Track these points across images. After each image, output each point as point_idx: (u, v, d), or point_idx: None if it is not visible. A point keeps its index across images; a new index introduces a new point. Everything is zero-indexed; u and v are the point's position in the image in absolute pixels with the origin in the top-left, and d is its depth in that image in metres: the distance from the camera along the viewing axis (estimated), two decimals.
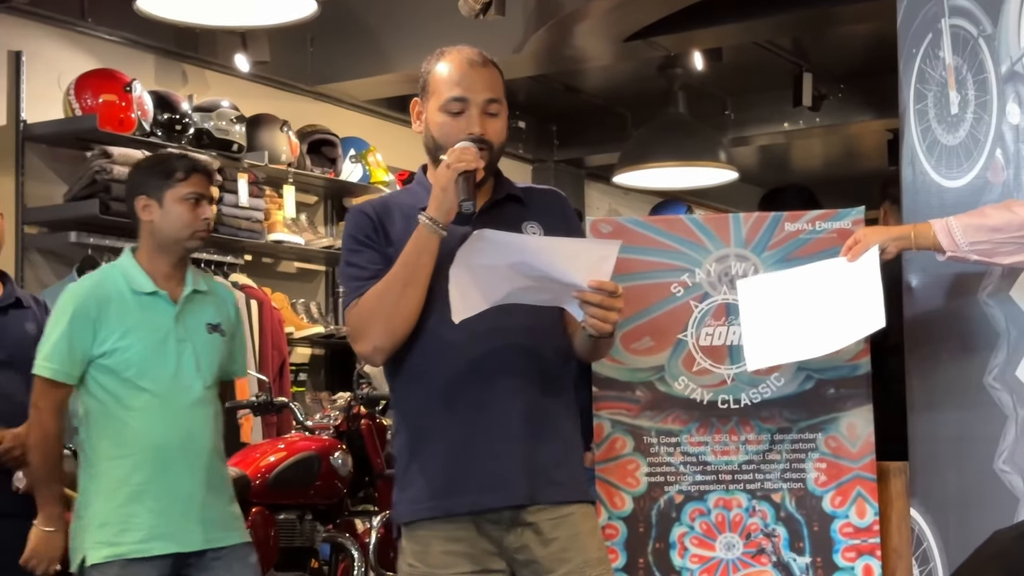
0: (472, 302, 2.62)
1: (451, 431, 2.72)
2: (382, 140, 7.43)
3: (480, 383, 2.70)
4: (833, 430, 3.42)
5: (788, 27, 6.88)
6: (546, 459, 2.73)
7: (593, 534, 2.79)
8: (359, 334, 2.72)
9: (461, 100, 2.76)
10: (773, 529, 3.41)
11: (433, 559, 2.71)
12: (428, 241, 2.65)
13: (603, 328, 2.62)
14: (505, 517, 2.72)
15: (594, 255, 2.61)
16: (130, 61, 6.12)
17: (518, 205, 2.85)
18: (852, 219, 3.46)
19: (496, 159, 2.80)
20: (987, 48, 3.14)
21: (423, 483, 2.73)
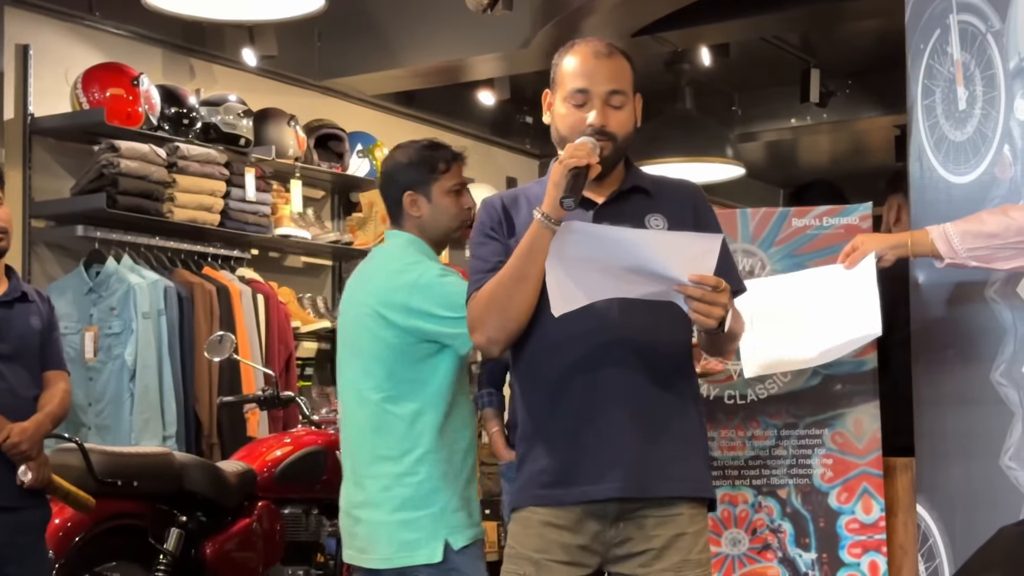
0: (571, 296, 2.61)
1: (564, 423, 2.72)
2: (389, 135, 7.42)
3: (594, 378, 2.70)
4: (839, 426, 3.42)
5: (796, 23, 6.87)
6: (657, 454, 2.70)
7: (698, 536, 2.74)
8: (475, 326, 2.75)
9: (583, 92, 2.75)
10: (779, 525, 3.41)
11: (530, 541, 2.72)
12: (540, 237, 2.64)
13: (707, 323, 2.58)
14: (611, 511, 2.70)
15: (695, 249, 2.56)
16: (137, 55, 6.12)
17: (644, 197, 2.82)
18: (859, 215, 3.46)
19: (621, 151, 2.78)
20: (995, 44, 3.13)
21: (535, 473, 2.74)
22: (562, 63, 2.81)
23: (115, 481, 4.10)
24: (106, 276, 5.58)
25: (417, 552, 3.32)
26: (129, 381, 5.46)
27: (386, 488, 3.36)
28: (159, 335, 5.55)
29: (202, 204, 5.94)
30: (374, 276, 3.53)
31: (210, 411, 5.74)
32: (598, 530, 2.71)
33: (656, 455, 2.70)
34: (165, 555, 4.23)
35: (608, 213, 2.75)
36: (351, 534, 3.47)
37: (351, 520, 3.46)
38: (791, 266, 3.47)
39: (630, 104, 2.79)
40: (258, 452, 4.76)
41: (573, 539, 2.70)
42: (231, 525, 4.47)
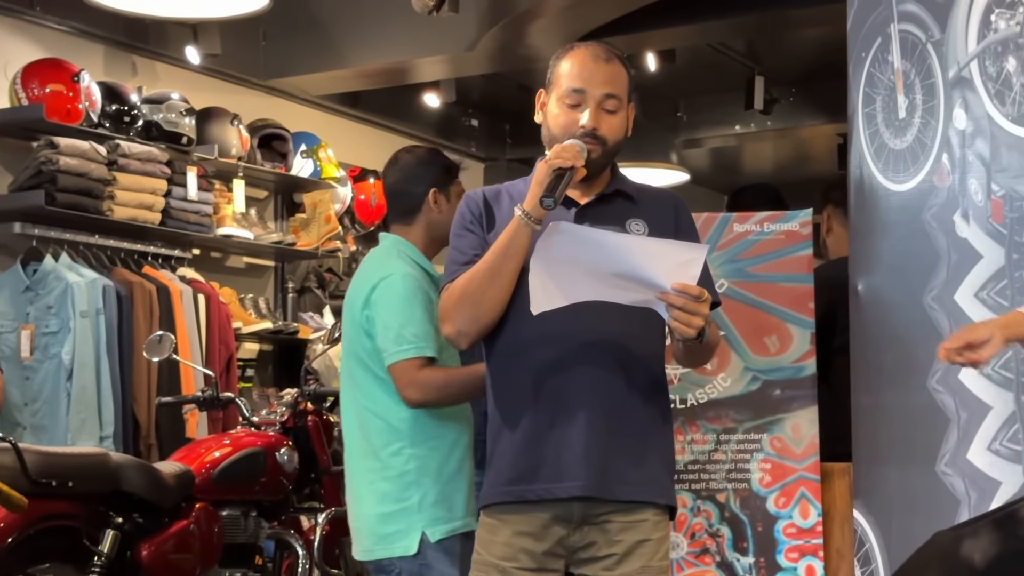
0: (552, 296, 2.61)
1: (531, 421, 2.72)
2: (334, 135, 7.40)
3: (563, 379, 2.70)
4: (778, 431, 3.44)
5: (741, 30, 6.91)
6: (622, 457, 2.71)
7: (660, 543, 2.75)
8: (446, 316, 2.76)
9: (579, 92, 2.77)
10: (717, 529, 3.42)
11: (496, 549, 2.74)
12: (519, 233, 2.65)
13: (686, 332, 2.58)
14: (576, 514, 2.71)
15: (680, 257, 2.56)
16: (79, 51, 6.05)
17: (627, 201, 2.83)
18: (800, 221, 3.48)
19: (609, 155, 2.79)
20: (935, 53, 3.16)
21: (501, 468, 2.76)
22: (560, 64, 2.83)
23: (50, 481, 4.04)
24: (43, 274, 5.51)
25: (395, 544, 3.37)
26: (66, 381, 5.40)
27: (369, 483, 3.43)
28: (97, 334, 5.49)
29: (143, 203, 5.88)
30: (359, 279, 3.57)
31: (148, 412, 5.69)
32: (563, 535, 2.72)
33: (620, 459, 2.71)
34: (100, 556, 4.18)
35: (590, 214, 2.77)
36: (352, 529, 3.55)
37: (350, 516, 3.55)
38: (733, 271, 3.49)
39: (624, 111, 2.81)
40: (196, 453, 4.71)
41: (539, 545, 2.71)
42: (168, 527, 4.43)
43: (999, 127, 3.01)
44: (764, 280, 3.49)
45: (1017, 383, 2.99)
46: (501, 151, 9.15)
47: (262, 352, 7.07)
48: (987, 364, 2.64)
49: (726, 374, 3.44)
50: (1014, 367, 2.99)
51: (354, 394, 3.51)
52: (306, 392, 5.06)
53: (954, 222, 3.09)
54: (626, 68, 2.84)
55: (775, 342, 3.48)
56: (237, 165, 6.53)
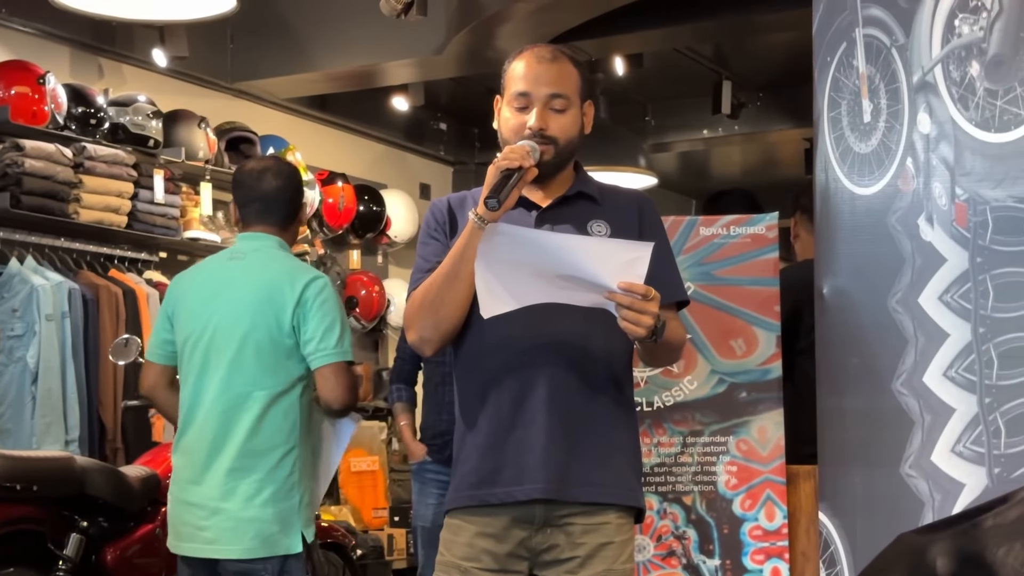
0: (500, 299, 2.59)
1: (493, 424, 2.72)
2: (302, 139, 7.38)
3: (524, 381, 2.69)
4: (744, 433, 3.45)
5: (709, 34, 6.94)
6: (583, 459, 2.70)
7: (624, 546, 2.74)
8: (409, 324, 2.74)
9: (524, 95, 2.74)
10: (684, 531, 3.43)
11: (459, 549, 2.73)
12: (474, 236, 2.62)
13: (635, 331, 2.55)
14: (538, 516, 2.70)
15: (624, 256, 2.54)
16: (45, 53, 6.02)
17: (589, 203, 2.81)
18: (766, 224, 3.50)
19: (563, 155, 2.77)
20: (900, 58, 3.18)
21: (465, 472, 2.75)
22: (509, 68, 2.80)
23: (14, 485, 4.02)
24: (8, 277, 5.48)
25: (279, 544, 3.56)
26: (31, 384, 5.36)
27: (257, 482, 3.55)
28: (63, 337, 5.47)
29: (109, 205, 5.86)
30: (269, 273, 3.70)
31: (114, 415, 5.66)
32: (524, 536, 2.71)
33: (581, 460, 2.70)
34: (65, 561, 4.16)
35: (550, 217, 2.76)
36: (199, 527, 3.61)
37: (205, 512, 3.59)
38: (699, 274, 3.50)
39: (574, 109, 2.78)
40: (163, 457, 4.69)
41: (501, 547, 2.71)
42: (134, 530, 4.41)
43: (963, 131, 3.03)
44: (730, 283, 3.50)
45: (980, 385, 3.01)
46: (470, 155, 9.16)
47: None
48: None
49: (692, 377, 3.45)
50: (977, 370, 3.01)
51: (247, 386, 3.60)
52: None
53: (918, 226, 3.12)
54: (576, 67, 2.81)
55: (741, 345, 3.49)
56: (204, 168, 6.51)
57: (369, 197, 7.94)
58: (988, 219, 2.99)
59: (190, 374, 3.68)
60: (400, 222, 8.22)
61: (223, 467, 3.57)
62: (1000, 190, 2.97)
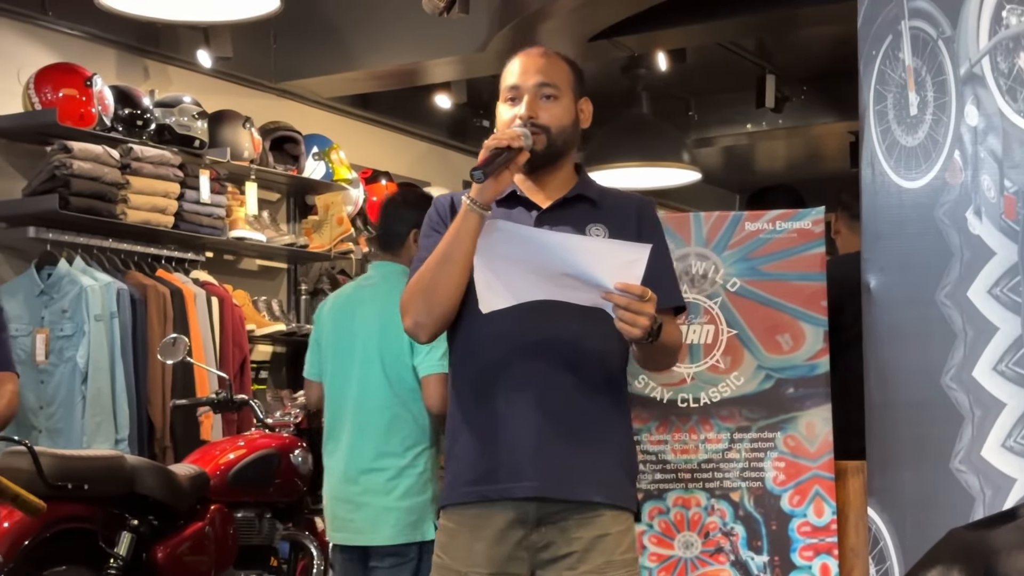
0: (499, 294, 2.61)
1: (487, 420, 2.73)
2: (345, 137, 7.41)
3: (519, 378, 2.71)
4: (792, 429, 3.43)
5: (752, 29, 6.90)
6: (577, 458, 2.71)
7: (622, 536, 2.74)
8: (404, 310, 2.76)
9: (514, 88, 2.80)
10: (731, 528, 3.42)
11: (456, 553, 2.74)
12: (468, 219, 2.65)
13: (631, 332, 2.56)
14: (532, 515, 2.71)
15: (623, 257, 2.55)
16: (91, 55, 6.08)
17: (589, 206, 2.84)
18: (812, 219, 3.48)
19: (556, 145, 2.79)
20: (946, 50, 3.15)
21: (460, 469, 2.77)
22: (503, 73, 2.85)
23: (65, 484, 4.06)
24: (58, 278, 5.53)
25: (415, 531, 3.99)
26: (81, 384, 5.41)
27: (394, 479, 4.00)
28: (111, 337, 5.51)
29: (156, 206, 5.90)
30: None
31: (163, 414, 5.70)
32: (521, 536, 2.71)
33: (576, 459, 2.71)
34: (115, 559, 4.20)
35: (550, 218, 2.77)
36: (348, 520, 4.07)
37: (351, 507, 4.05)
38: (745, 270, 3.49)
39: (565, 99, 2.81)
40: (211, 455, 4.73)
41: (498, 550, 2.71)
42: (183, 529, 4.45)
43: (1011, 123, 3.00)
44: (776, 278, 3.49)
45: None
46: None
47: (276, 354, 7.08)
48: None
49: (739, 372, 3.44)
50: None
51: (385, 397, 4.04)
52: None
53: (966, 219, 3.09)
54: (568, 63, 2.86)
55: (788, 340, 3.47)
56: (249, 168, 6.54)
57: None
58: None
59: (333, 387, 4.17)
60: None
61: (363, 467, 4.02)
62: None
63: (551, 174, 2.83)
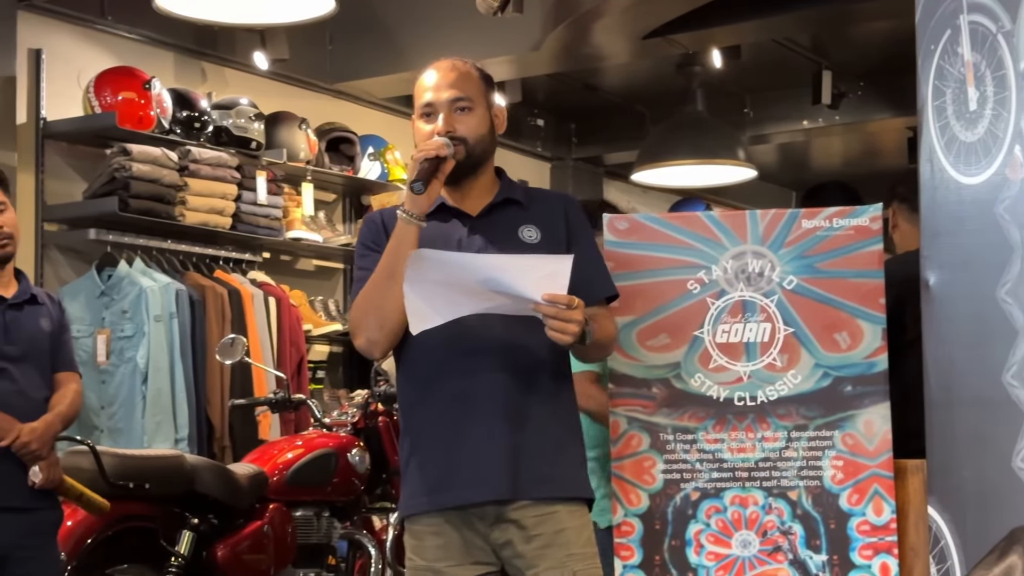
0: (428, 316, 2.68)
1: (439, 427, 2.80)
2: (401, 138, 7.43)
3: (466, 379, 2.78)
4: (850, 427, 3.41)
5: (807, 24, 6.85)
6: (530, 456, 2.79)
7: (580, 530, 2.83)
8: (354, 329, 2.84)
9: (429, 104, 2.88)
10: (789, 527, 3.41)
11: (428, 553, 2.81)
12: (406, 232, 2.75)
13: (563, 339, 2.67)
14: (490, 513, 2.78)
15: (546, 270, 2.65)
16: (149, 59, 6.14)
17: (517, 208, 2.92)
18: (869, 216, 3.45)
19: (476, 154, 2.87)
20: (1006, 44, 3.12)
21: (417, 479, 2.83)
22: (415, 88, 2.94)
23: (127, 483, 4.11)
24: (118, 279, 5.59)
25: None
26: (141, 384, 5.47)
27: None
28: (171, 338, 5.57)
29: (213, 207, 5.95)
30: None
31: (222, 414, 5.76)
32: (484, 531, 2.80)
33: (527, 458, 2.78)
34: (176, 557, 4.25)
35: (481, 225, 2.87)
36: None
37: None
38: (802, 267, 3.47)
39: (479, 110, 2.89)
40: (269, 455, 4.77)
41: (464, 542, 2.79)
42: (243, 527, 4.48)
43: None
44: (834, 276, 3.46)
45: None
46: (567, 151, 9.15)
47: (332, 354, 7.12)
48: None
49: (796, 371, 3.42)
50: None
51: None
52: (376, 393, 5.09)
53: None
54: (477, 71, 2.93)
55: (846, 338, 3.45)
56: (306, 169, 6.59)
57: None
58: None
59: None
60: None
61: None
62: None
63: (473, 182, 2.91)
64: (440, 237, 2.83)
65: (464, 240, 2.85)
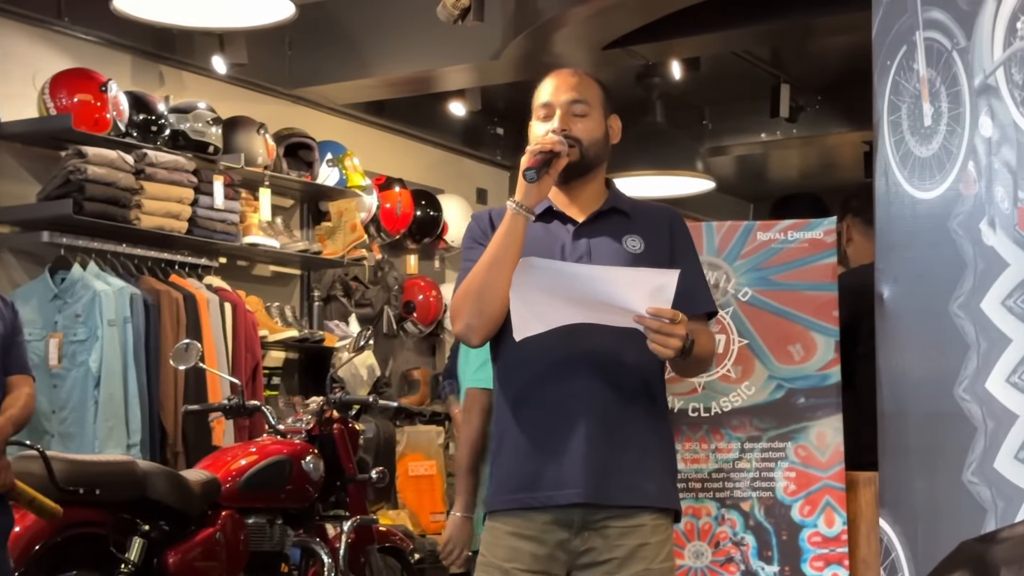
0: (531, 324, 2.71)
1: (532, 427, 2.82)
2: (359, 144, 7.42)
3: (561, 387, 2.80)
4: (803, 439, 3.43)
5: (766, 38, 6.90)
6: (620, 464, 2.80)
7: (662, 546, 2.83)
8: (454, 315, 2.86)
9: (547, 105, 2.92)
10: (742, 538, 3.42)
11: (500, 551, 2.83)
12: (514, 223, 2.78)
13: (664, 352, 2.69)
14: (576, 520, 2.79)
15: (652, 283, 2.67)
16: (106, 61, 6.10)
17: (623, 218, 2.94)
18: (823, 229, 3.48)
19: (588, 158, 2.91)
20: (961, 61, 3.15)
21: (505, 475, 2.86)
22: (536, 91, 2.97)
23: (77, 489, 4.07)
24: (72, 283, 5.54)
25: None
26: (93, 388, 5.42)
27: None
28: (124, 342, 5.52)
29: (170, 211, 5.91)
30: None
31: (175, 419, 5.71)
32: (563, 539, 2.79)
33: (618, 465, 2.79)
34: (127, 564, 4.21)
35: (587, 231, 2.89)
36: None
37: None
38: (757, 279, 3.49)
39: (596, 115, 2.93)
40: (223, 461, 4.73)
41: (539, 548, 2.80)
42: (194, 534, 4.45)
43: None
44: (788, 288, 3.48)
45: None
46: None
47: (288, 360, 7.09)
48: None
49: (750, 382, 3.43)
50: None
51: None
52: (332, 400, 5.07)
53: (980, 230, 3.08)
54: (596, 81, 2.98)
55: (799, 350, 3.47)
56: (263, 174, 6.55)
57: (426, 202, 7.96)
58: None
59: None
60: (457, 227, 8.23)
61: None
62: None
63: (583, 188, 2.94)
64: (545, 238, 2.87)
65: (568, 244, 2.88)
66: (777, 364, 3.46)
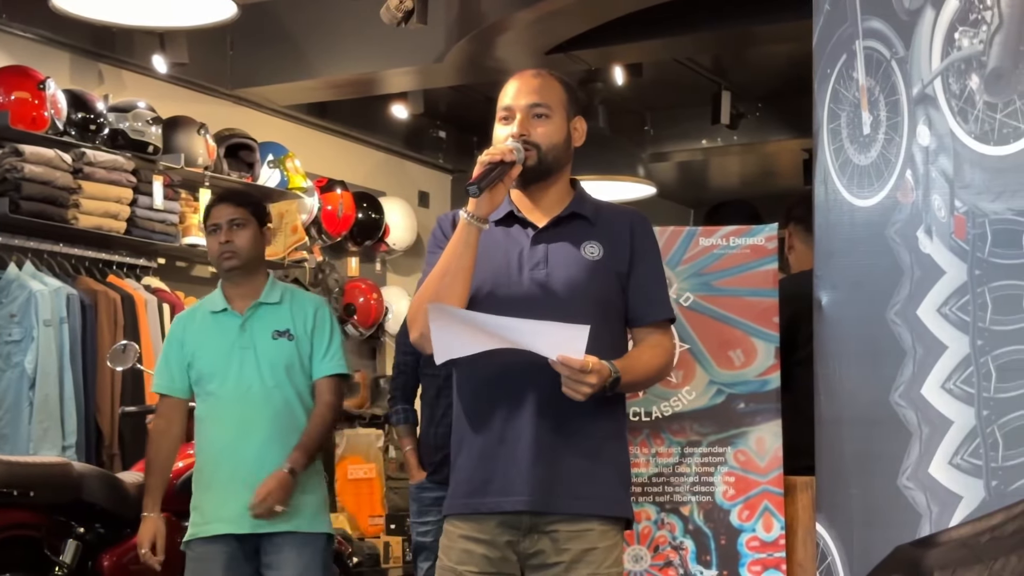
0: (454, 347, 2.73)
1: (484, 434, 2.84)
2: (301, 146, 7.39)
3: (513, 394, 2.81)
4: (742, 444, 3.45)
5: (708, 45, 6.94)
6: (569, 471, 2.80)
7: (609, 551, 2.84)
8: (412, 322, 2.86)
9: (507, 108, 2.91)
10: (681, 542, 3.43)
11: (454, 554, 2.86)
12: (467, 233, 2.78)
13: (575, 397, 2.71)
14: (525, 523, 2.81)
15: (562, 336, 2.68)
16: (45, 59, 6.03)
17: (584, 223, 2.93)
18: (765, 235, 3.50)
19: (547, 162, 2.89)
20: (899, 70, 3.18)
21: (459, 481, 2.89)
22: (500, 93, 2.95)
23: (11, 491, 4.02)
24: (7, 282, 5.48)
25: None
26: (29, 389, 5.36)
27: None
28: (61, 343, 5.46)
29: (108, 211, 5.86)
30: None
31: (112, 421, 5.66)
32: (513, 540, 2.82)
33: (566, 473, 2.80)
34: (61, 567, 4.16)
35: (546, 236, 2.89)
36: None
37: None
38: (698, 285, 3.50)
39: (557, 118, 2.91)
40: None
41: (491, 551, 2.82)
42: (130, 537, 4.40)
43: (962, 144, 3.03)
44: (729, 294, 3.50)
45: (979, 398, 3.01)
46: (469, 163, 9.06)
47: None
48: None
49: (691, 387, 3.45)
50: (975, 382, 3.01)
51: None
52: None
53: (917, 238, 3.11)
54: (561, 83, 2.96)
55: (740, 356, 3.49)
56: (203, 174, 6.51)
57: (368, 204, 7.94)
58: (987, 232, 2.98)
59: None
60: (398, 230, 8.22)
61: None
62: (999, 203, 2.97)
63: (545, 191, 2.93)
64: (504, 243, 2.87)
65: (526, 250, 2.87)
66: (718, 369, 3.48)
